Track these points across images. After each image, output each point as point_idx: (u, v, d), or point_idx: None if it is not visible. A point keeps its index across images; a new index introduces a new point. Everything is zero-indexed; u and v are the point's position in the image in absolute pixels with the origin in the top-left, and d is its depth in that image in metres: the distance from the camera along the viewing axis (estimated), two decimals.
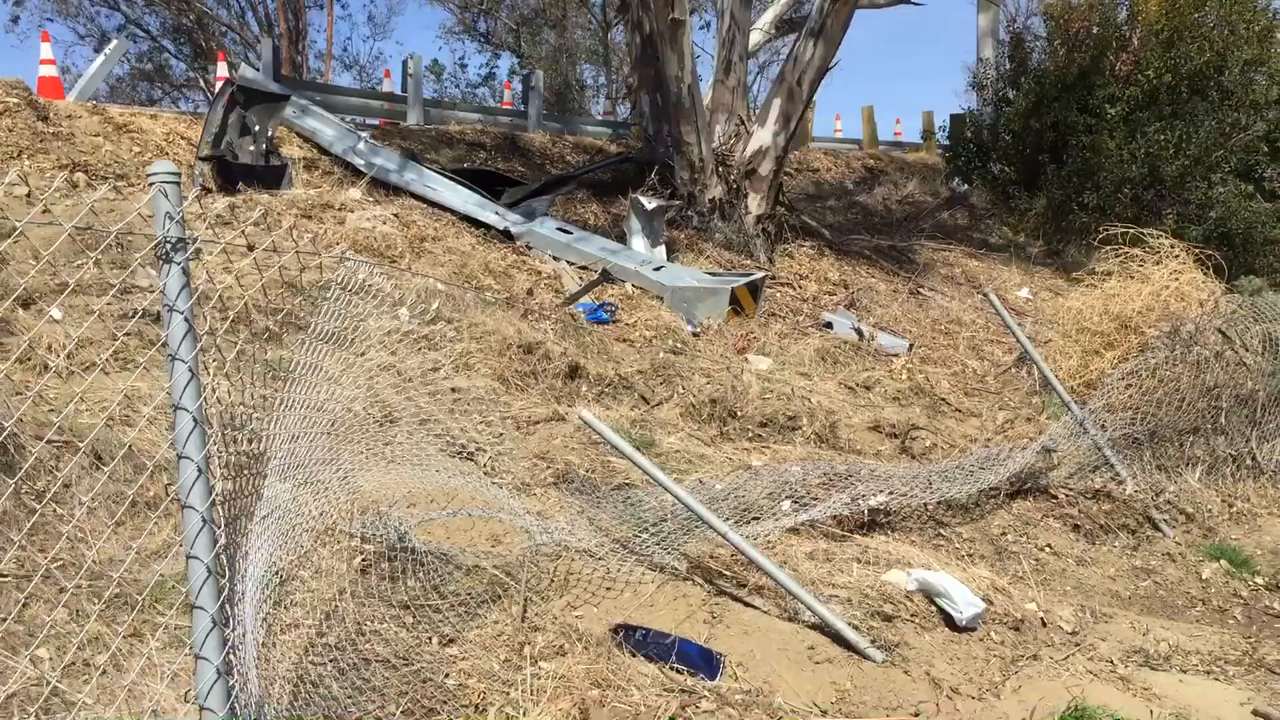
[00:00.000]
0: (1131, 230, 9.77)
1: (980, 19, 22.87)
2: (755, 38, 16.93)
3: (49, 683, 3.34)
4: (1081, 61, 16.83)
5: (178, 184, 2.14)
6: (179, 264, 2.13)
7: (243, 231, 2.42)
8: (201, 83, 31.86)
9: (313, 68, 32.68)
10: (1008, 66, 18.63)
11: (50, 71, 11.84)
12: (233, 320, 4.28)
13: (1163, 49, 16.31)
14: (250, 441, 2.83)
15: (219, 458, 2.37)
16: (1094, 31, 17.15)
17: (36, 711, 3.16)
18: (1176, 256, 9.21)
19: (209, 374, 2.32)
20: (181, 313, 2.14)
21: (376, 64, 36.30)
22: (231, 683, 2.21)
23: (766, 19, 18.03)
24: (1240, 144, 16.35)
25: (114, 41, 14.20)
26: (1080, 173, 16.45)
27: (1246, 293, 9.90)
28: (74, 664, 3.68)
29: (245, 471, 2.70)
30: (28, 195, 8.48)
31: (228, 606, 2.26)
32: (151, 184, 2.10)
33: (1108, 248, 9.69)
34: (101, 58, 12.49)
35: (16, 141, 9.64)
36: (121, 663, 3.58)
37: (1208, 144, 15.93)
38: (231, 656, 2.24)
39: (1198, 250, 9.48)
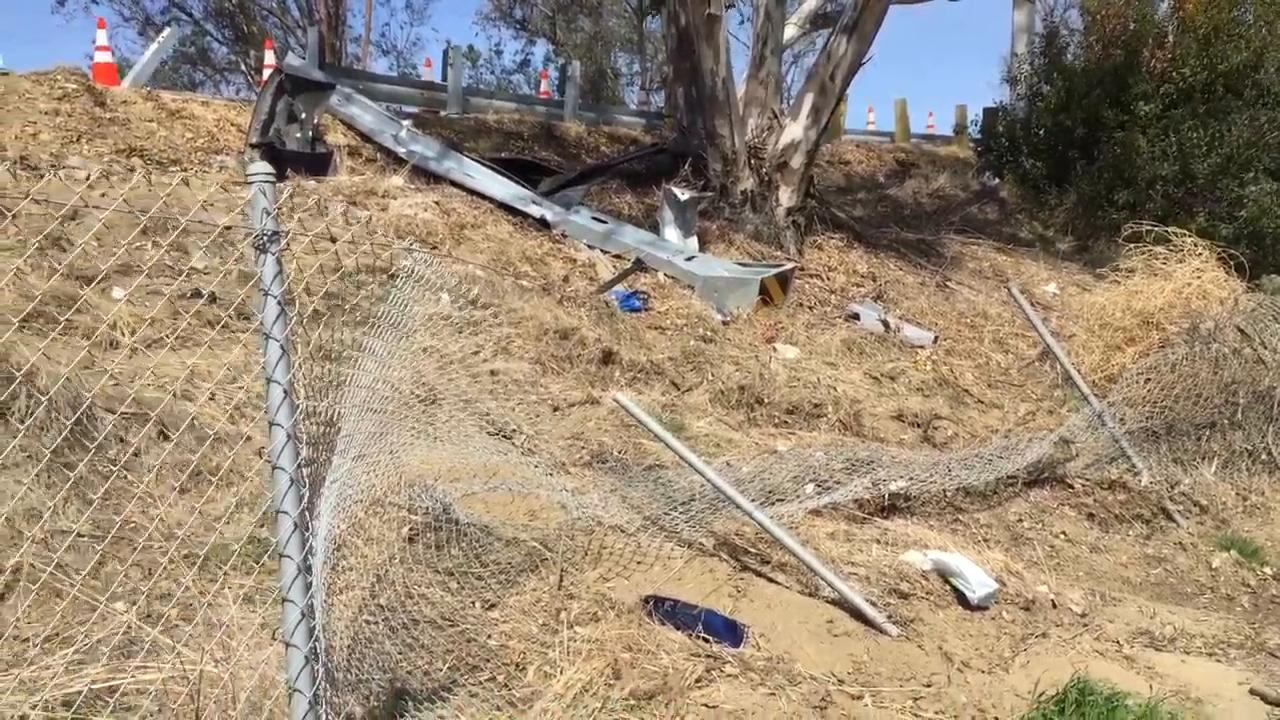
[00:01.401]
0: (1156, 228, 9.95)
1: (1016, 14, 22.91)
2: (789, 32, 17.12)
3: (130, 628, 3.67)
4: (1116, 58, 16.91)
5: (274, 183, 2.44)
6: (273, 254, 2.43)
7: (327, 226, 2.71)
8: (243, 66, 32.35)
9: (350, 53, 33.04)
10: (1042, 61, 18.71)
11: (105, 57, 12.24)
12: (313, 309, 4.60)
13: (1200, 47, 16.36)
14: (325, 412, 3.13)
15: (303, 427, 2.67)
16: (1130, 27, 17.21)
17: (142, 654, 3.49)
18: (1200, 254, 9.39)
19: (296, 351, 2.62)
20: (275, 297, 2.44)
21: (413, 49, 36.68)
22: (313, 624, 2.52)
23: (801, 13, 18.22)
24: (1275, 143, 16.38)
25: (166, 30, 14.61)
26: (1112, 169, 16.54)
27: (1268, 291, 10.05)
28: (150, 615, 4.01)
29: (320, 442, 3.00)
30: (88, 179, 8.86)
31: (309, 557, 2.57)
32: (252, 183, 2.41)
33: (1133, 245, 9.87)
34: (155, 45, 12.89)
35: (76, 126, 10.03)
36: (194, 616, 3.90)
37: (1241, 143, 15.98)
38: (313, 600, 2.55)
39: (1221, 249, 9.65)
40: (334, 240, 2.63)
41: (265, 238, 2.41)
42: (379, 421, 4.71)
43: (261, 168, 2.41)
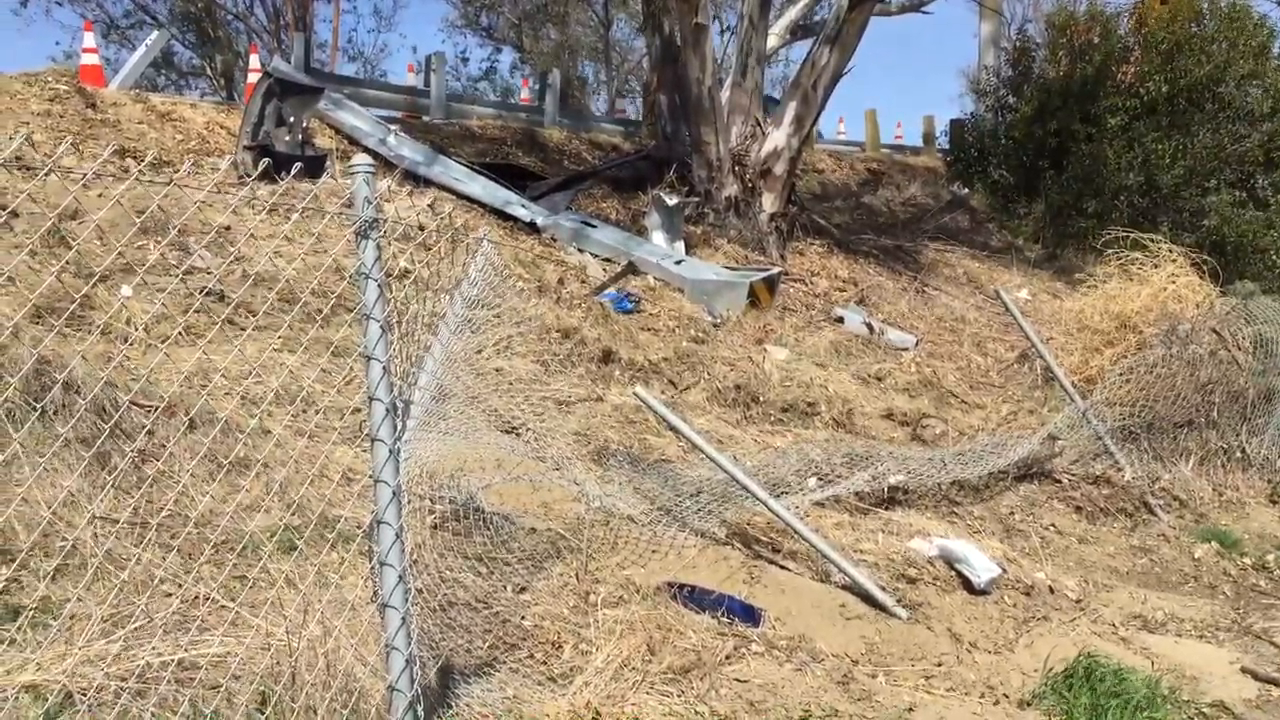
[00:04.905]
0: (1132, 235, 10.28)
1: (983, 27, 23.41)
2: (770, 42, 17.39)
3: (190, 606, 3.79)
4: (1084, 71, 17.34)
5: (374, 173, 2.60)
6: (374, 240, 2.59)
7: (417, 214, 2.86)
8: (208, 71, 32.19)
9: (317, 59, 32.91)
10: (1010, 74, 19.12)
11: (92, 59, 12.24)
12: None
13: (1163, 61, 16.81)
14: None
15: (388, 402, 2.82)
16: (1095, 42, 17.65)
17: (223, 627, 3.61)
18: (1174, 260, 9.72)
19: (393, 331, 2.77)
20: (376, 280, 2.60)
21: (380, 56, 36.64)
22: (408, 586, 2.67)
23: (781, 24, 18.50)
24: (1235, 155, 16.86)
25: (154, 34, 14.61)
26: (1080, 180, 16.94)
27: (1240, 296, 10.41)
28: (197, 598, 4.13)
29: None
30: (83, 179, 8.90)
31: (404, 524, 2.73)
32: (355, 174, 2.56)
33: (1110, 251, 10.20)
34: (143, 48, 12.91)
35: (68, 127, 10.05)
36: (250, 598, 4.02)
37: (1203, 154, 16.45)
38: (406, 565, 2.70)
39: (1193, 255, 10.00)
40: (422, 228, 2.78)
41: (366, 224, 2.56)
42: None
43: (362, 160, 2.57)
